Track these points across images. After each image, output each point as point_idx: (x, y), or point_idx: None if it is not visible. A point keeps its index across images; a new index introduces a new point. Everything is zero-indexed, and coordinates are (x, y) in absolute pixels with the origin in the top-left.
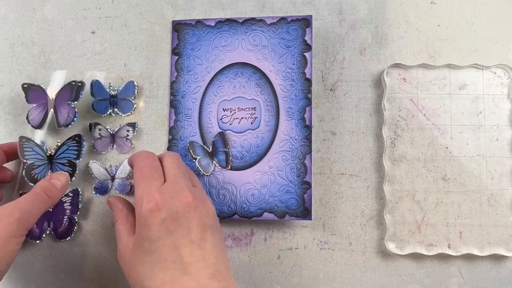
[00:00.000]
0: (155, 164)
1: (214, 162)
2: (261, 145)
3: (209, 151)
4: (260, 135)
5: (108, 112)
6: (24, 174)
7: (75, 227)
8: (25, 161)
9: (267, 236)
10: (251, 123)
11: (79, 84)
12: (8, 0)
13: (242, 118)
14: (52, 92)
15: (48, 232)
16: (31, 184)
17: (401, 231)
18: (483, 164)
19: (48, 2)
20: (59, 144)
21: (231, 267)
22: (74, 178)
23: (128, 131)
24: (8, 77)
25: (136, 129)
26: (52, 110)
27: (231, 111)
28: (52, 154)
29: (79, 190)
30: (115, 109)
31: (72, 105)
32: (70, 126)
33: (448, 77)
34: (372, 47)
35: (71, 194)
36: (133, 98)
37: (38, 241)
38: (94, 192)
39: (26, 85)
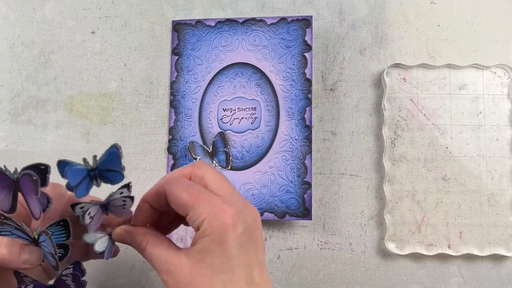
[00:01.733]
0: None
1: (214, 162)
2: (261, 145)
3: (209, 151)
4: (260, 135)
5: (91, 188)
6: None
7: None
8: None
9: (267, 236)
10: (251, 123)
11: (42, 167)
12: (8, 0)
13: (242, 118)
14: None
15: None
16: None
17: (401, 231)
18: (483, 164)
19: (48, 2)
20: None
21: None
22: (68, 256)
23: (124, 200)
24: (8, 77)
25: (131, 189)
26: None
27: (231, 111)
28: (36, 238)
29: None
30: (99, 181)
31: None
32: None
33: (448, 77)
34: (372, 47)
35: (71, 267)
36: (121, 168)
37: None
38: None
39: None
